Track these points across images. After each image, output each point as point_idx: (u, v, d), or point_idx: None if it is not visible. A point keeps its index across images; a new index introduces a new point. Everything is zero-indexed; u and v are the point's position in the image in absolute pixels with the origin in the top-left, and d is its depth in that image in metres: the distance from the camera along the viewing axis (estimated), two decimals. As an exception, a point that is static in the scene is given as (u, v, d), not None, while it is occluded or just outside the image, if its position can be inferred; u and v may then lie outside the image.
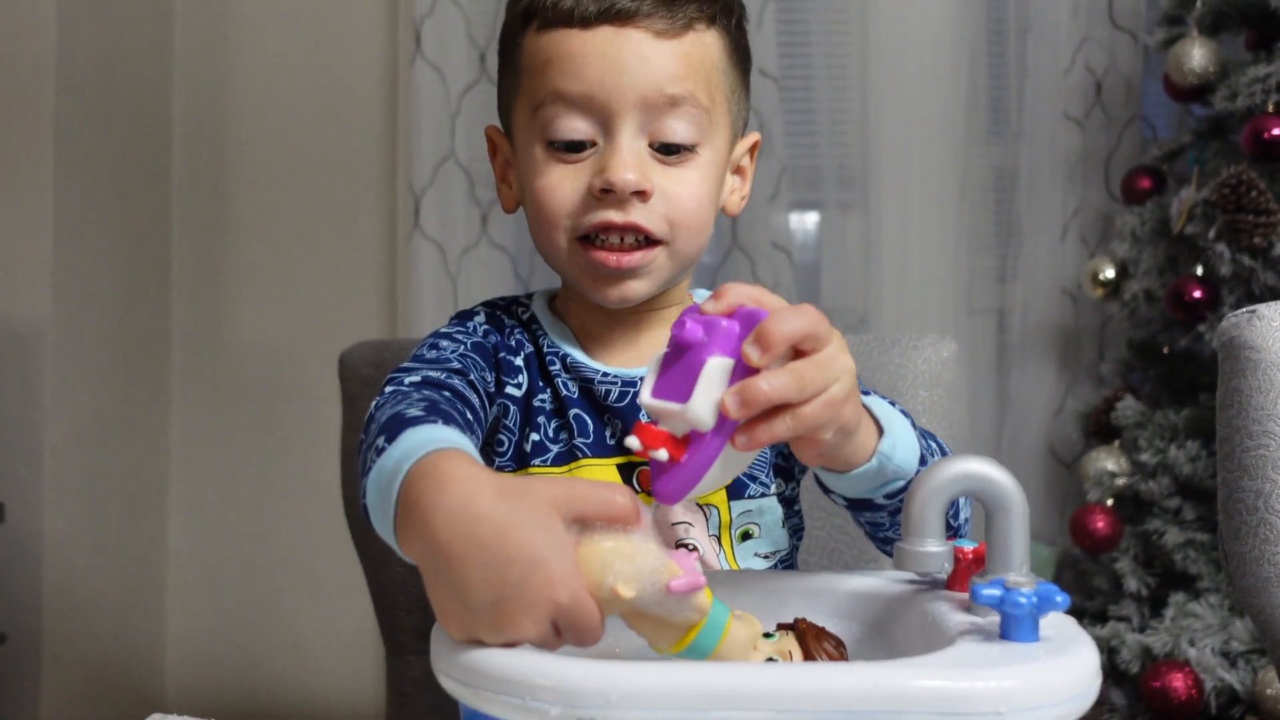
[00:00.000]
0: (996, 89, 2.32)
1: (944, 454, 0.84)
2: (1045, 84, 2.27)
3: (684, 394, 0.65)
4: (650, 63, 0.86)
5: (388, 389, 0.80)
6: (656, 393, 0.67)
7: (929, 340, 1.26)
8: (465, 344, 0.91)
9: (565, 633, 0.60)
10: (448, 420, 0.74)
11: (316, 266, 2.37)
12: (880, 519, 0.84)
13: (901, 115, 2.25)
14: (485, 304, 0.99)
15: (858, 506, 0.83)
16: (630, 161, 0.86)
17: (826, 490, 0.83)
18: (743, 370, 0.65)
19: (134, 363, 2.25)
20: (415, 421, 0.71)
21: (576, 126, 0.87)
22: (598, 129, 0.87)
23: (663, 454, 0.65)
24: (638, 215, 0.87)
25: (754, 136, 0.99)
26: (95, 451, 2.12)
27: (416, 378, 0.83)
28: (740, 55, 0.95)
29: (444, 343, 0.91)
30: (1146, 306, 1.98)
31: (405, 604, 1.27)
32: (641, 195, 0.87)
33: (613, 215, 0.86)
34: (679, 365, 0.66)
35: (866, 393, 0.82)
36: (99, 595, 2.13)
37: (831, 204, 2.33)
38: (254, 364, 2.38)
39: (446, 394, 0.81)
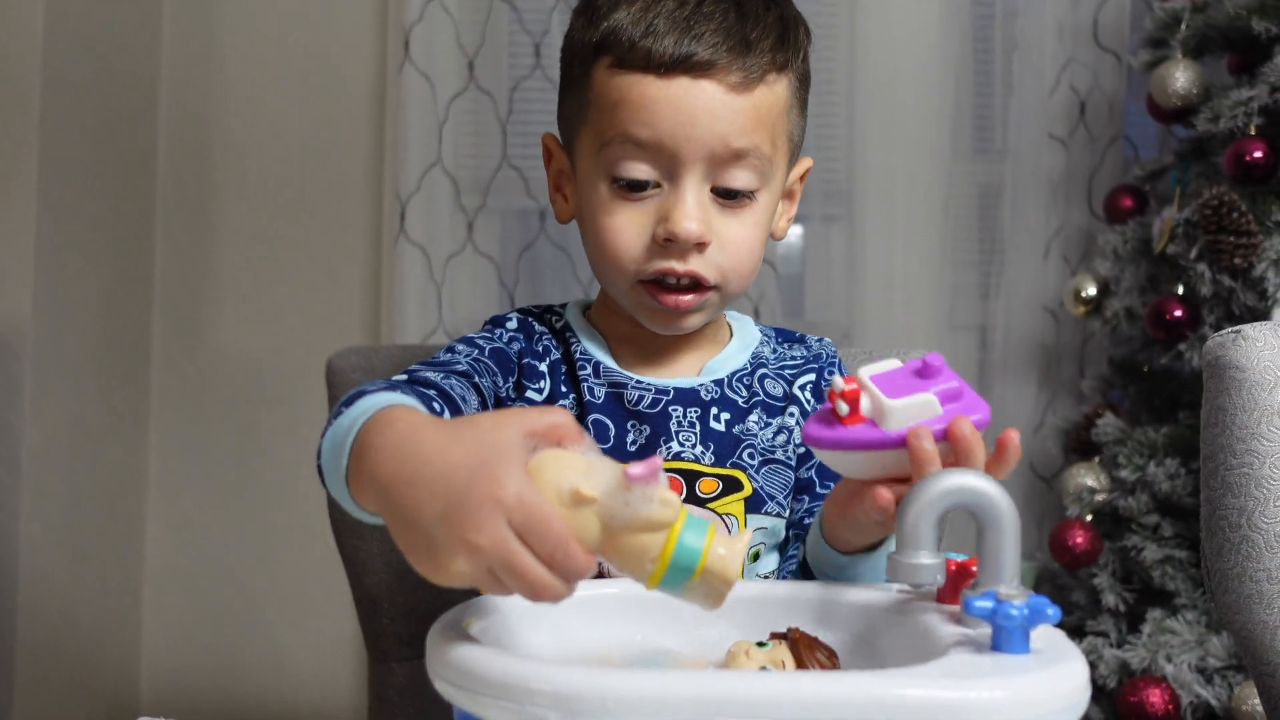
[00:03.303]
0: (981, 107, 2.33)
1: None
2: (1030, 103, 2.29)
3: (894, 393, 0.73)
4: (720, 118, 0.87)
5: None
6: (876, 376, 0.74)
7: (915, 355, 1.26)
8: (484, 349, 0.94)
9: (527, 538, 0.57)
10: (409, 395, 0.76)
11: (300, 272, 2.36)
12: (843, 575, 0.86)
13: (887, 131, 2.26)
14: (520, 310, 1.01)
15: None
16: (694, 212, 0.88)
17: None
18: (940, 423, 0.73)
19: (115, 367, 2.24)
20: (373, 391, 0.74)
21: (642, 169, 0.89)
22: (662, 173, 0.89)
23: (843, 407, 0.73)
24: (696, 264, 0.90)
25: (806, 163, 1.01)
26: (74, 457, 2.10)
27: (404, 376, 0.85)
28: (805, 85, 0.96)
29: (461, 346, 0.93)
30: (1127, 324, 2.00)
31: (389, 610, 1.27)
32: (700, 246, 0.89)
33: (674, 264, 0.90)
34: (911, 377, 0.74)
35: None
36: (75, 602, 2.11)
37: (816, 217, 2.34)
38: (235, 370, 2.36)
39: (432, 392, 0.82)
